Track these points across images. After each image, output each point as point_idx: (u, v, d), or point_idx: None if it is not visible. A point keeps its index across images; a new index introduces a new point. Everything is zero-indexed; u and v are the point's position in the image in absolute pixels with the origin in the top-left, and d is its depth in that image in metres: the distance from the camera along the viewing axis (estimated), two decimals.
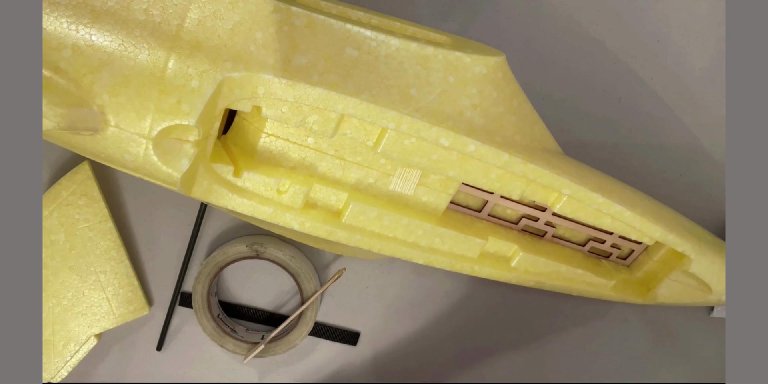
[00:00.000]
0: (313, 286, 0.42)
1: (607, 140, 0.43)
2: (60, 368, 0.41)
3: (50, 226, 0.40)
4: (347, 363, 0.46)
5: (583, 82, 0.43)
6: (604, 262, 0.39)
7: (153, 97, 0.27)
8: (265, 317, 0.45)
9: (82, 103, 0.27)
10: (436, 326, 0.46)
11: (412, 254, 0.34)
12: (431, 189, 0.34)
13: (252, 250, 0.41)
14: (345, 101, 0.29)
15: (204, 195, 0.31)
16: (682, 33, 0.42)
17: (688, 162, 0.44)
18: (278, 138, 0.32)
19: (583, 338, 0.47)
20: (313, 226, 0.33)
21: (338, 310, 0.45)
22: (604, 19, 0.42)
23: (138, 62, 0.27)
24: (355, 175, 0.33)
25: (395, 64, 0.30)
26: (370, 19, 0.32)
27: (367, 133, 0.32)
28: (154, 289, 0.44)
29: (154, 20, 0.27)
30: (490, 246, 0.36)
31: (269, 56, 0.28)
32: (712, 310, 0.46)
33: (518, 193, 0.34)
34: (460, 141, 0.31)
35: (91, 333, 0.41)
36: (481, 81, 0.31)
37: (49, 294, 0.40)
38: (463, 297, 0.45)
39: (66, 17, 0.27)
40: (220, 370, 0.46)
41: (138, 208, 0.43)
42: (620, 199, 0.34)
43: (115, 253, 0.41)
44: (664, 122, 0.43)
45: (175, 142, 0.29)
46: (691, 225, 0.38)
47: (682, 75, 0.43)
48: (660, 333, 0.47)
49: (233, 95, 0.29)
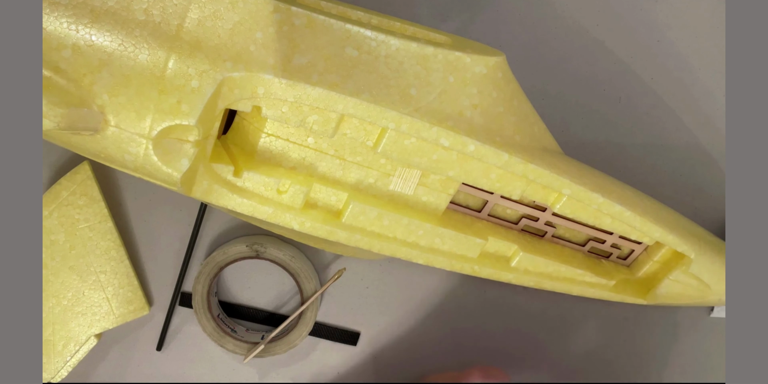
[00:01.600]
0: (313, 286, 0.42)
1: (606, 140, 0.43)
2: (60, 368, 0.41)
3: (50, 226, 0.40)
4: (347, 363, 0.46)
5: (583, 82, 0.43)
6: (604, 262, 0.39)
7: (153, 97, 0.27)
8: (265, 317, 0.45)
9: (82, 103, 0.27)
10: (436, 326, 0.46)
11: (412, 254, 0.34)
12: (431, 189, 0.34)
13: (252, 250, 0.41)
14: (345, 101, 0.29)
15: (204, 195, 0.31)
16: (682, 33, 0.42)
17: (688, 162, 0.44)
18: (278, 138, 0.32)
19: (583, 338, 0.47)
20: (313, 226, 0.33)
21: (338, 310, 0.45)
22: (604, 19, 0.42)
23: (138, 62, 0.27)
24: (355, 175, 0.33)
25: (395, 64, 0.30)
26: (370, 19, 0.32)
27: (367, 133, 0.32)
28: (154, 289, 0.44)
29: (154, 20, 0.27)
30: (490, 246, 0.36)
31: (269, 56, 0.28)
32: (712, 310, 0.46)
33: (518, 193, 0.34)
34: (460, 141, 0.31)
35: (91, 333, 0.41)
36: (481, 81, 0.31)
37: (49, 294, 0.40)
38: (463, 297, 0.45)
39: (66, 17, 0.27)
40: (220, 370, 0.46)
41: (138, 208, 0.43)
42: (620, 199, 0.34)
43: (115, 253, 0.41)
44: (664, 122, 0.43)
45: (175, 142, 0.29)
46: (691, 225, 0.38)
47: (682, 75, 0.43)
48: (660, 333, 0.47)
49: (233, 95, 0.29)
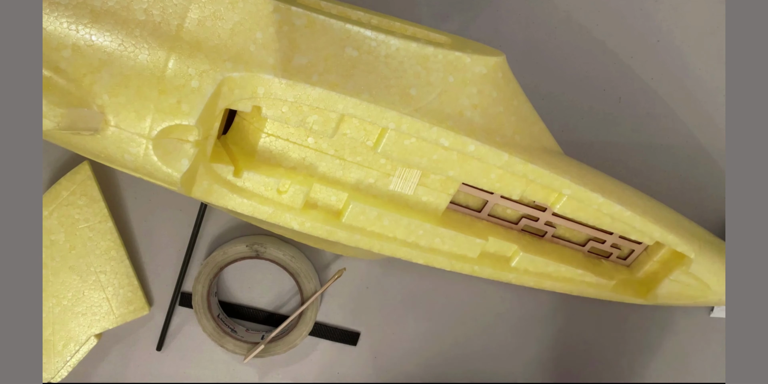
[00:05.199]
0: (313, 286, 0.42)
1: (607, 140, 0.43)
2: (60, 368, 0.41)
3: (50, 226, 0.40)
4: (347, 363, 0.46)
5: (583, 81, 0.43)
6: (604, 262, 0.39)
7: (153, 97, 0.27)
8: (265, 317, 0.45)
9: (82, 103, 0.27)
10: (436, 326, 0.46)
11: (412, 254, 0.34)
12: (431, 189, 0.34)
13: (252, 250, 0.41)
14: (345, 101, 0.29)
15: (204, 195, 0.31)
16: (682, 33, 0.42)
17: (688, 162, 0.44)
18: (278, 138, 0.32)
19: (583, 338, 0.47)
20: (313, 226, 0.33)
21: (338, 310, 0.45)
22: (604, 19, 0.42)
23: (138, 62, 0.27)
24: (355, 175, 0.33)
25: (395, 64, 0.30)
26: (370, 19, 0.32)
27: (367, 133, 0.32)
28: (154, 289, 0.44)
29: (154, 20, 0.27)
30: (490, 246, 0.36)
31: (269, 56, 0.28)
32: (712, 310, 0.46)
33: (518, 193, 0.34)
34: (460, 141, 0.31)
35: (91, 333, 0.41)
36: (481, 81, 0.31)
37: (49, 294, 0.40)
38: (463, 297, 0.45)
39: (66, 17, 0.27)
40: (220, 370, 0.46)
41: (138, 208, 0.43)
42: (620, 199, 0.34)
43: (115, 253, 0.41)
44: (664, 122, 0.43)
45: (175, 142, 0.29)
46: (691, 225, 0.38)
47: (682, 75, 0.43)
48: (660, 333, 0.47)
49: (233, 95, 0.29)
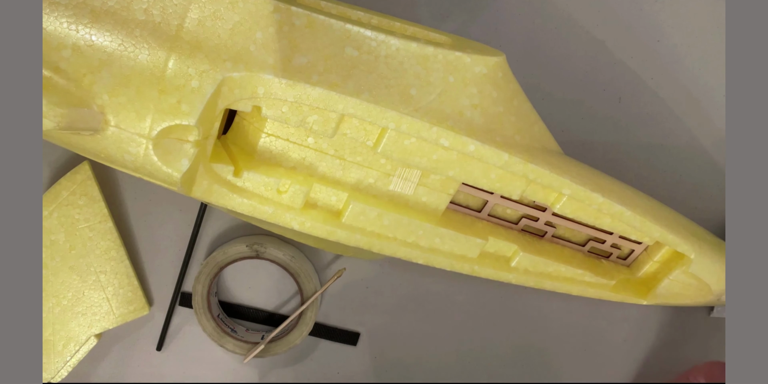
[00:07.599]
0: (313, 286, 0.42)
1: (607, 140, 0.43)
2: (60, 368, 0.41)
3: (50, 226, 0.40)
4: (347, 363, 0.46)
5: (583, 82, 0.43)
6: (604, 262, 0.39)
7: (153, 97, 0.27)
8: (265, 317, 0.45)
9: (82, 103, 0.27)
10: (436, 326, 0.46)
11: (412, 254, 0.34)
12: (431, 189, 0.34)
13: (252, 250, 0.41)
14: (345, 101, 0.29)
15: (204, 195, 0.31)
16: (682, 33, 0.42)
17: (688, 162, 0.44)
18: (278, 138, 0.32)
19: (583, 338, 0.47)
20: (313, 226, 0.33)
21: (338, 310, 0.45)
22: (604, 19, 0.42)
23: (138, 62, 0.27)
24: (355, 175, 0.33)
25: (395, 64, 0.30)
26: (370, 19, 0.32)
27: (367, 133, 0.32)
28: (154, 289, 0.44)
29: (154, 20, 0.27)
30: (490, 246, 0.36)
31: (269, 56, 0.28)
32: (712, 310, 0.46)
33: (518, 193, 0.34)
34: (460, 141, 0.31)
35: (91, 333, 0.41)
36: (481, 81, 0.31)
37: (49, 294, 0.40)
38: (463, 297, 0.45)
39: (66, 17, 0.27)
40: (220, 370, 0.46)
41: (138, 208, 0.43)
42: (620, 199, 0.34)
43: (115, 253, 0.41)
44: (664, 122, 0.43)
45: (175, 142, 0.29)
46: (691, 225, 0.38)
47: (682, 75, 0.43)
48: (660, 333, 0.47)
49: (233, 95, 0.29)
